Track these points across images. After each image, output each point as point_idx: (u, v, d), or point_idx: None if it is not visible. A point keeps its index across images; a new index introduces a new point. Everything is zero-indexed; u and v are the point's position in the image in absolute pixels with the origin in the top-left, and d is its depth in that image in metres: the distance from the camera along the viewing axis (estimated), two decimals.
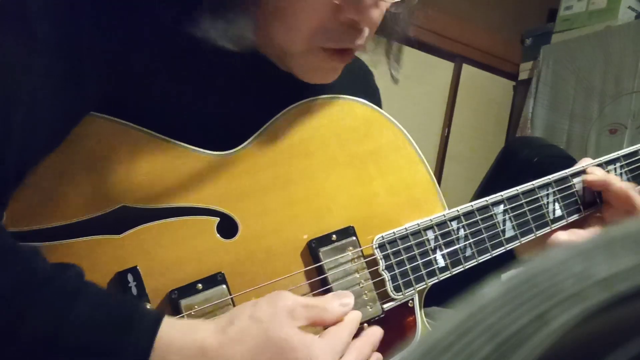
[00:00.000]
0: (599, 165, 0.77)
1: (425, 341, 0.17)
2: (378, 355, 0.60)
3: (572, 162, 0.77)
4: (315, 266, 0.62)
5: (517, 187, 0.73)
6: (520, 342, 0.16)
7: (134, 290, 0.54)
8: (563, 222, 0.74)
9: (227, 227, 0.60)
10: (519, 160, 1.83)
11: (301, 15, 0.56)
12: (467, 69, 2.66)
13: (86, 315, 0.47)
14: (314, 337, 0.53)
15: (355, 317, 0.59)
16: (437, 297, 0.75)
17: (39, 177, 0.54)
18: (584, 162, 0.77)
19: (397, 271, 0.65)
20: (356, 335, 0.59)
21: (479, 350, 0.16)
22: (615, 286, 0.16)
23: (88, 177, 0.56)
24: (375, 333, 0.60)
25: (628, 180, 0.77)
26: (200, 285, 0.56)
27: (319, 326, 0.56)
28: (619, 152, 0.78)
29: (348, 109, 0.69)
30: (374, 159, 0.68)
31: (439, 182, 2.84)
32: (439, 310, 1.00)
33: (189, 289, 0.56)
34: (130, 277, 0.54)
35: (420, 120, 2.52)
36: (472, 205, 0.70)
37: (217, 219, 0.59)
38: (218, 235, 0.59)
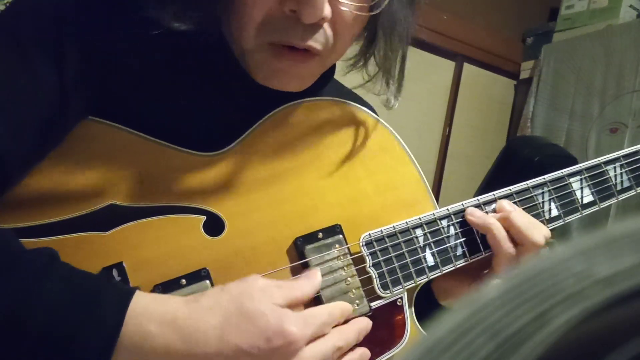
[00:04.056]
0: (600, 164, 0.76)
1: (425, 341, 0.17)
2: (364, 349, 0.60)
3: (573, 161, 0.77)
4: (300, 262, 0.62)
5: (510, 187, 0.72)
6: (520, 341, 0.16)
7: None
8: (560, 222, 0.73)
9: (214, 225, 0.60)
10: (520, 159, 1.82)
11: (249, 5, 0.56)
12: (468, 68, 2.66)
13: (58, 289, 0.47)
14: (287, 310, 0.52)
15: (339, 305, 0.59)
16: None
17: (29, 176, 0.55)
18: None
19: (384, 269, 0.64)
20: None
21: (479, 349, 0.16)
22: (616, 285, 0.16)
23: (78, 176, 0.57)
24: (362, 321, 0.60)
25: (629, 180, 0.77)
26: (184, 281, 0.57)
27: (295, 307, 0.55)
28: (619, 152, 0.77)
29: (335, 111, 0.69)
30: (361, 160, 0.69)
31: (440, 181, 2.83)
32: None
33: (172, 284, 0.56)
34: (115, 273, 0.55)
35: (421, 119, 2.52)
36: (462, 204, 0.69)
37: (204, 217, 0.60)
38: (204, 233, 0.60)
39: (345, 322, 0.60)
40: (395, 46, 0.64)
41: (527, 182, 0.73)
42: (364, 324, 0.61)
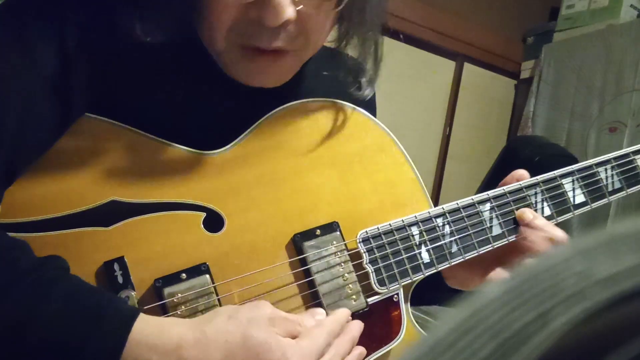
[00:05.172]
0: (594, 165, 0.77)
1: (426, 340, 0.17)
2: (361, 349, 0.61)
3: (573, 160, 0.77)
4: (298, 258, 0.63)
5: (504, 187, 0.74)
6: (521, 341, 0.16)
7: (120, 279, 0.56)
8: (553, 222, 0.73)
9: (214, 222, 0.61)
10: (521, 159, 1.83)
11: (216, 12, 0.56)
12: (468, 67, 2.66)
13: (59, 307, 0.47)
14: (290, 341, 0.53)
15: (337, 317, 0.60)
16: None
17: (31, 172, 0.56)
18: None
19: (381, 265, 0.66)
20: None
21: (480, 349, 0.16)
22: (617, 285, 0.16)
23: (80, 173, 0.58)
24: (354, 329, 0.61)
25: (620, 181, 0.78)
26: (184, 275, 0.58)
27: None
28: (610, 154, 0.79)
29: (334, 111, 0.71)
30: (358, 159, 0.70)
31: (440, 181, 2.83)
32: (440, 309, 1.00)
33: (173, 278, 0.57)
34: (116, 267, 0.56)
35: (421, 119, 2.52)
36: (457, 204, 0.71)
37: (204, 214, 0.61)
38: (204, 229, 0.61)
39: None
40: (366, 32, 0.65)
41: (520, 182, 0.74)
42: (356, 330, 0.61)
